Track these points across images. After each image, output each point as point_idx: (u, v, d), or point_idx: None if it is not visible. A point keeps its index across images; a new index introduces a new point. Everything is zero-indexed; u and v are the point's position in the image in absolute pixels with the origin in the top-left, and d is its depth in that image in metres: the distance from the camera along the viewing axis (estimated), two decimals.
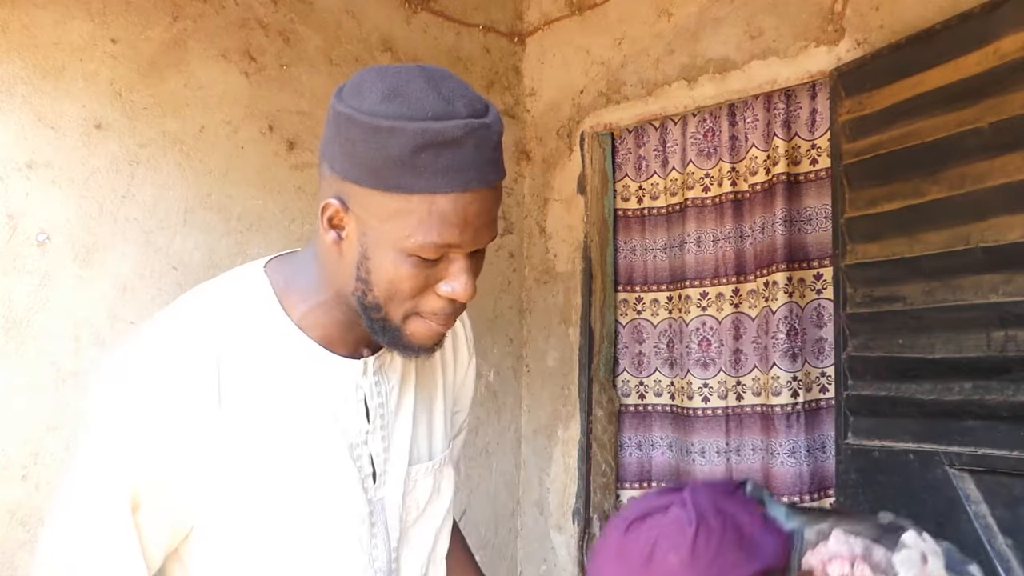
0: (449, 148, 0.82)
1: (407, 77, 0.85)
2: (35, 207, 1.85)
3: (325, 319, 0.96)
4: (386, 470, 1.02)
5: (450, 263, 0.89)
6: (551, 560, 2.79)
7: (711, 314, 2.57)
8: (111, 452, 0.88)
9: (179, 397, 0.88)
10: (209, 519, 0.91)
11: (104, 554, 0.87)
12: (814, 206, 2.38)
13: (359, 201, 0.86)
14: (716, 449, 2.54)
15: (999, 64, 1.64)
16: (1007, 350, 1.61)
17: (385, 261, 0.87)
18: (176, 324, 0.93)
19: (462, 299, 0.90)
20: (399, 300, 0.89)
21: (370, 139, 0.83)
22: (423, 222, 0.84)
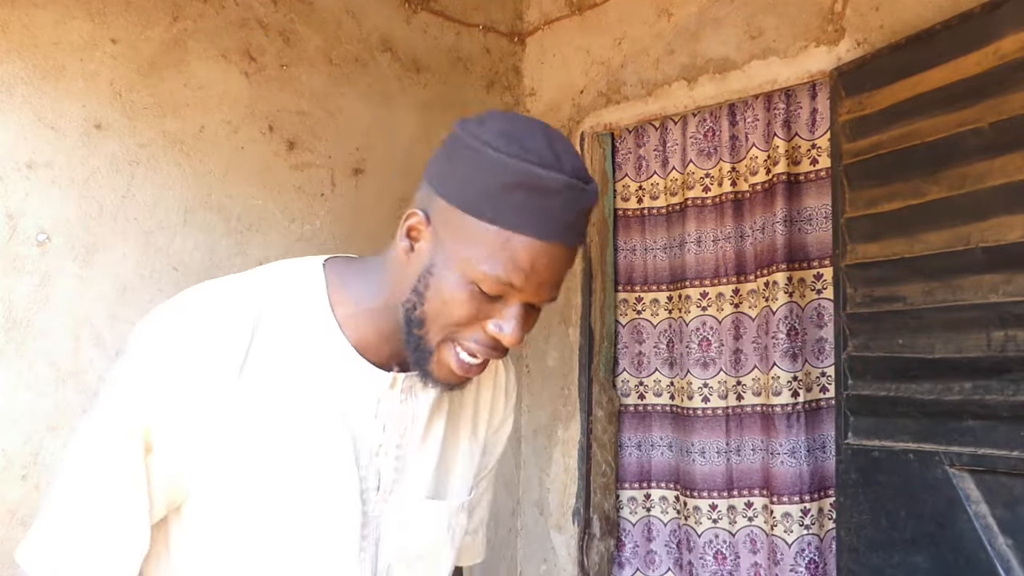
0: (543, 195, 0.85)
1: (529, 127, 0.90)
2: (35, 207, 1.86)
3: (366, 325, 0.97)
4: (393, 489, 1.01)
5: (506, 305, 0.90)
6: (551, 560, 2.79)
7: (711, 314, 2.58)
8: (132, 392, 0.91)
9: (203, 357, 0.90)
10: (203, 490, 0.92)
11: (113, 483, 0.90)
12: (814, 206, 2.38)
13: (443, 217, 0.89)
14: (716, 449, 2.54)
15: (999, 64, 1.64)
16: (1007, 350, 1.61)
17: (447, 281, 0.89)
18: (225, 290, 0.96)
19: (506, 342, 0.91)
20: (444, 322, 0.90)
21: (475, 163, 0.87)
22: (494, 255, 0.86)
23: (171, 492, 0.93)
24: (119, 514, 0.91)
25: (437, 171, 0.92)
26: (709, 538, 2.53)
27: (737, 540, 2.49)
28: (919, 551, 1.76)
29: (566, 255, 0.90)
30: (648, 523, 2.72)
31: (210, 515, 0.93)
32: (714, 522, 2.52)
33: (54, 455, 1.84)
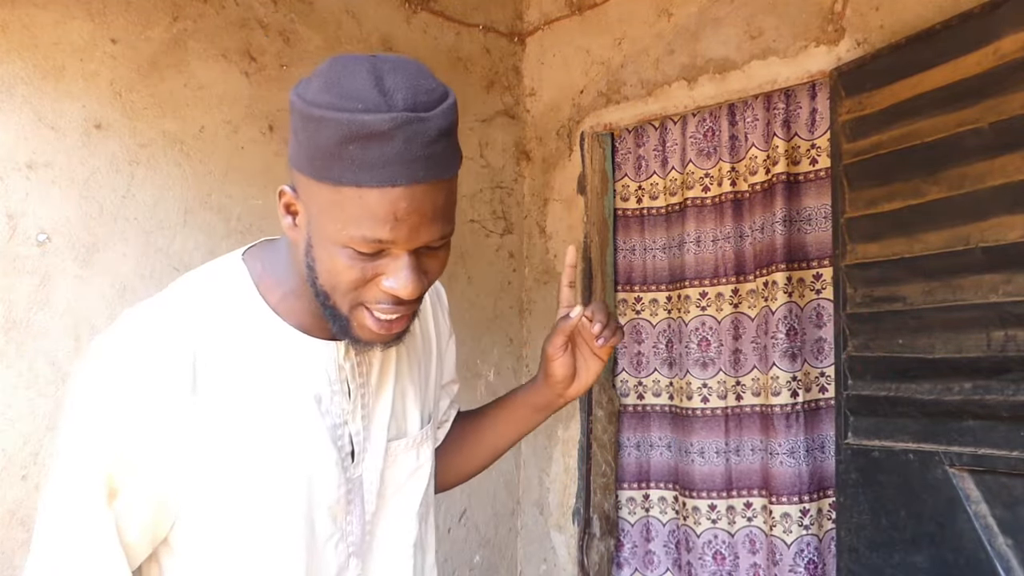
0: (375, 141, 0.80)
1: (352, 68, 0.84)
2: (35, 207, 1.85)
3: (299, 305, 0.96)
4: (365, 448, 1.02)
5: (392, 259, 0.87)
6: (551, 560, 2.79)
7: (711, 314, 2.58)
8: (85, 439, 0.88)
9: (151, 385, 0.87)
10: (192, 506, 0.91)
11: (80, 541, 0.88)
12: (814, 206, 2.38)
13: (303, 189, 0.87)
14: (715, 449, 2.54)
15: (999, 64, 1.64)
16: (1007, 350, 1.61)
17: (324, 251, 0.87)
18: (152, 314, 0.93)
19: (403, 296, 0.87)
20: (341, 291, 0.88)
21: (307, 128, 0.83)
22: (353, 216, 0.83)
23: (154, 526, 0.91)
24: (92, 565, 0.88)
25: (290, 145, 0.89)
26: (708, 538, 2.53)
27: (736, 540, 2.49)
28: (919, 551, 1.76)
29: (430, 192, 0.84)
30: (647, 523, 2.72)
31: (205, 524, 0.92)
32: (713, 522, 2.52)
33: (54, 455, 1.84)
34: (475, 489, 2.75)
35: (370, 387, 1.03)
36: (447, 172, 0.86)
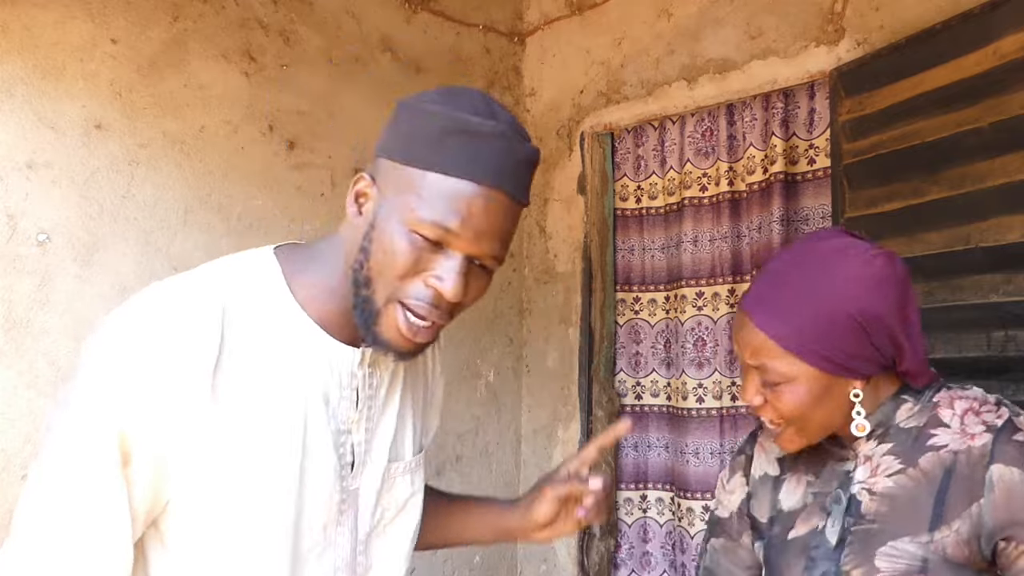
0: (476, 140, 0.88)
1: (466, 90, 0.94)
2: (35, 207, 1.85)
3: (328, 303, 0.98)
4: (365, 461, 1.02)
5: (446, 258, 0.90)
6: (551, 560, 2.79)
7: (707, 314, 2.58)
8: (105, 397, 0.86)
9: (181, 352, 0.87)
10: (186, 487, 0.90)
11: (92, 502, 0.85)
12: (811, 206, 2.37)
13: (385, 174, 0.93)
14: (710, 450, 2.54)
15: (999, 64, 1.64)
16: (1007, 350, 1.61)
17: (387, 232, 0.90)
18: (183, 286, 0.93)
19: (447, 295, 0.90)
20: (388, 277, 0.90)
21: (413, 119, 0.91)
22: (431, 199, 0.88)
23: (152, 502, 0.90)
24: (101, 534, 0.86)
25: (383, 139, 0.95)
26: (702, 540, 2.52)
27: None
28: None
29: (505, 205, 0.91)
30: (644, 524, 2.72)
31: (190, 519, 0.91)
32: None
33: None
34: (475, 489, 2.75)
35: (378, 402, 1.04)
36: (522, 196, 0.93)
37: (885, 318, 1.03)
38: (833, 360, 1.03)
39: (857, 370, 1.04)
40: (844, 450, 1.12)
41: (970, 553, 0.98)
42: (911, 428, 1.07)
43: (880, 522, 1.03)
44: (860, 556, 1.03)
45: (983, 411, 1.04)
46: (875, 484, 1.06)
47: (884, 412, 1.09)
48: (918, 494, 1.02)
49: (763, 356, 1.06)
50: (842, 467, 1.12)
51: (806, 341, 1.03)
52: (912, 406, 1.08)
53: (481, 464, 2.78)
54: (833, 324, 1.02)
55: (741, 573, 1.28)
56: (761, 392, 1.09)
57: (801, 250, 1.10)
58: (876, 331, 1.03)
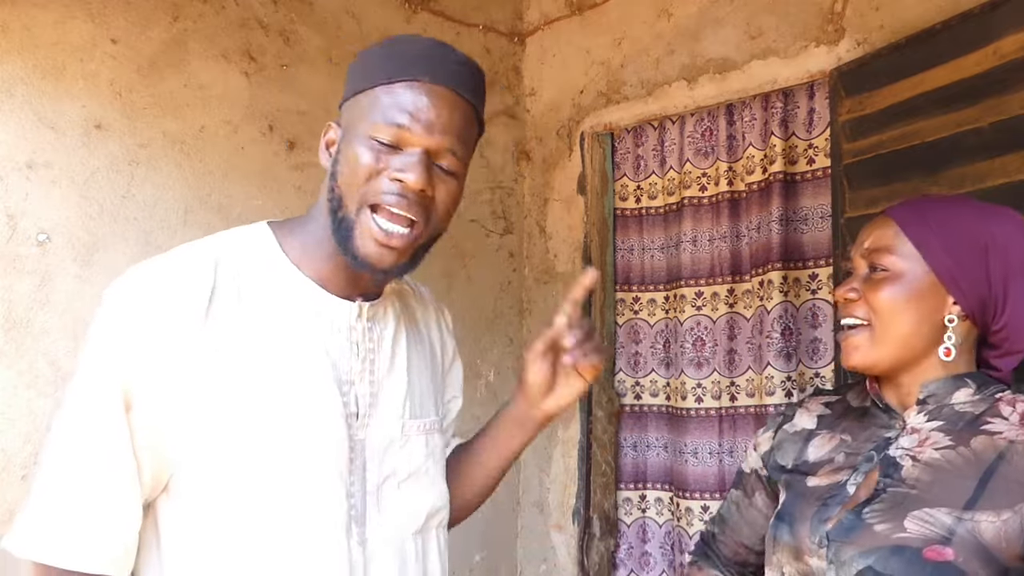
0: (410, 47, 1.01)
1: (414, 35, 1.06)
2: (35, 207, 1.85)
3: (320, 261, 1.03)
4: (370, 413, 1.05)
5: (406, 155, 0.97)
6: (551, 560, 2.79)
7: (706, 314, 2.57)
8: (105, 349, 0.93)
9: (165, 308, 0.93)
10: (194, 442, 0.93)
11: (99, 446, 0.91)
12: (810, 206, 2.37)
13: (346, 115, 1.03)
14: (709, 450, 2.53)
15: (999, 64, 1.64)
16: None
17: (350, 150, 0.99)
18: (180, 250, 1.01)
19: (410, 182, 0.96)
20: (354, 185, 0.98)
21: (360, 62, 1.04)
22: (380, 107, 0.98)
23: (157, 453, 0.93)
24: (108, 474, 0.90)
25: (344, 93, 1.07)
26: None
27: None
28: None
29: (450, 99, 1.00)
30: (643, 524, 2.72)
31: (198, 470, 0.94)
32: (705, 524, 2.52)
33: None
34: None
35: (381, 355, 1.07)
36: (467, 94, 1.02)
37: (1010, 256, 1.07)
38: (947, 265, 1.06)
39: (961, 288, 1.07)
40: (891, 419, 1.13)
41: (1009, 546, 0.98)
42: (966, 413, 1.08)
43: (920, 489, 1.03)
44: (889, 514, 1.03)
45: None
46: (921, 453, 1.06)
47: (944, 387, 1.10)
48: (965, 471, 1.02)
49: (883, 242, 1.11)
50: (883, 433, 1.13)
51: (932, 236, 1.07)
52: (972, 393, 1.09)
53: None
54: (963, 233, 1.07)
55: (746, 530, 1.30)
56: (858, 288, 1.12)
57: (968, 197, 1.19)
58: (996, 261, 1.06)
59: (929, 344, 1.09)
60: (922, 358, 1.10)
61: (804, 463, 1.19)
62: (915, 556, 0.98)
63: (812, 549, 1.07)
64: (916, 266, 1.08)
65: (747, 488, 1.30)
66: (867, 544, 1.02)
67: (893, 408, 1.14)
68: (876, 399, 1.16)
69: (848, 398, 1.24)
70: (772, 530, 1.16)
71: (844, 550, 1.03)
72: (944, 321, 1.08)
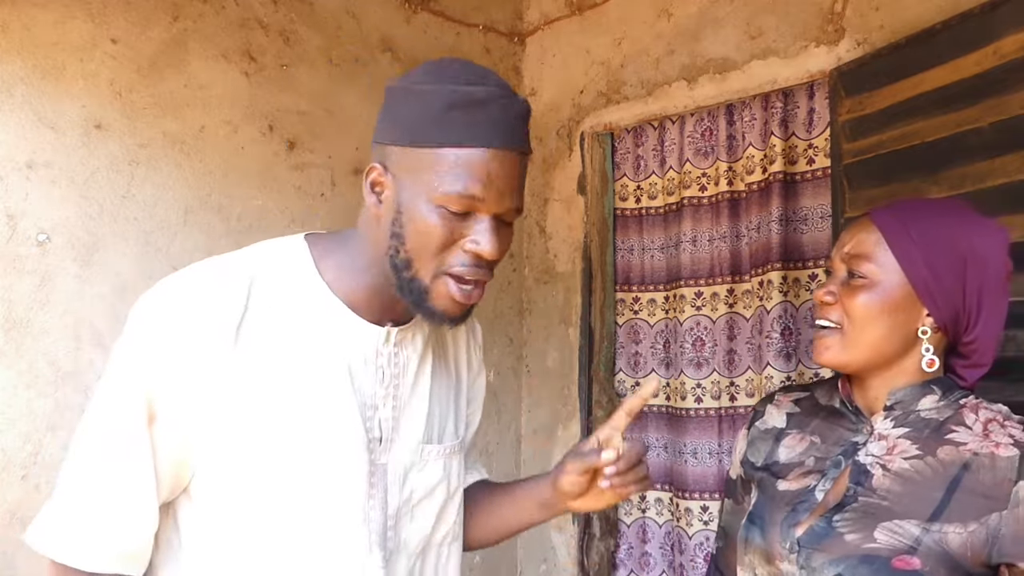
0: (476, 107, 0.93)
1: (449, 62, 0.98)
2: (35, 207, 1.85)
3: (355, 284, 1.03)
4: (393, 438, 1.06)
5: (476, 221, 0.96)
6: (551, 560, 2.79)
7: (705, 314, 2.57)
8: (133, 359, 0.94)
9: (203, 316, 0.94)
10: (215, 455, 0.94)
11: (118, 452, 0.92)
12: (810, 206, 2.37)
13: (397, 160, 0.97)
14: (708, 450, 2.53)
15: (999, 64, 1.64)
16: (1007, 350, 1.61)
17: (416, 213, 0.95)
18: (217, 262, 1.00)
19: (486, 255, 0.96)
20: (428, 254, 0.96)
21: (410, 102, 0.96)
22: (451, 173, 0.93)
23: (177, 464, 0.95)
24: (125, 483, 0.92)
25: (382, 127, 1.00)
26: (700, 540, 2.52)
27: None
28: None
29: (516, 160, 0.97)
30: (643, 524, 2.72)
31: (219, 485, 0.95)
32: (705, 524, 2.52)
33: (54, 455, 1.84)
34: None
35: (405, 380, 1.07)
36: (527, 148, 1.00)
37: (988, 271, 1.08)
38: (925, 278, 1.07)
39: (936, 301, 1.08)
40: (859, 422, 1.15)
41: (974, 555, 1.00)
42: (931, 420, 1.10)
43: (890, 500, 1.05)
44: (860, 523, 1.05)
45: (1008, 425, 1.07)
46: (891, 463, 1.08)
47: (911, 394, 1.12)
48: (932, 481, 1.04)
49: (864, 248, 1.11)
50: (851, 437, 1.15)
51: (913, 247, 1.08)
52: (938, 399, 1.11)
53: (481, 464, 2.78)
54: (943, 246, 1.07)
55: None
56: (835, 292, 1.13)
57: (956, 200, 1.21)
58: (973, 275, 1.07)
59: (900, 351, 1.11)
60: (892, 364, 1.12)
61: (775, 463, 1.21)
62: (883, 565, 1.01)
63: (783, 554, 1.09)
64: (894, 276, 1.09)
65: (737, 495, 1.31)
66: (837, 552, 1.04)
67: (862, 411, 1.16)
68: (847, 401, 1.18)
69: (817, 395, 1.26)
70: (744, 531, 1.18)
71: (815, 557, 1.06)
72: (917, 332, 1.10)
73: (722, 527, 1.36)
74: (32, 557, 0.95)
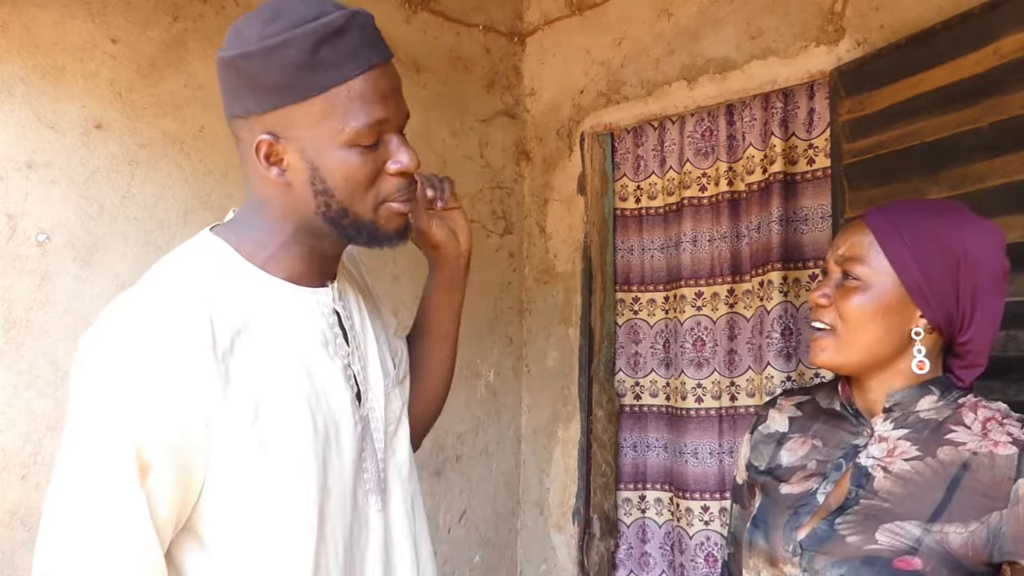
0: (339, 36, 0.91)
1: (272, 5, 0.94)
2: (35, 207, 1.85)
3: (287, 258, 1.01)
4: (367, 387, 1.07)
5: (387, 144, 0.97)
6: (551, 560, 2.79)
7: (706, 314, 2.57)
8: (109, 414, 0.85)
9: (175, 351, 0.87)
10: (218, 469, 0.90)
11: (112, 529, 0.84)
12: (810, 206, 2.37)
13: (286, 123, 0.93)
14: (708, 450, 2.54)
15: (999, 64, 1.64)
16: (1007, 350, 1.61)
17: (333, 162, 0.94)
18: (158, 286, 0.94)
19: (411, 167, 0.97)
20: (360, 194, 0.96)
21: (270, 61, 0.91)
22: (348, 110, 0.92)
23: (182, 501, 0.90)
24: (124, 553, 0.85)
25: (245, 99, 0.95)
26: (700, 540, 2.52)
27: None
28: None
29: (394, 69, 0.99)
30: (643, 524, 2.72)
31: (225, 496, 0.92)
32: (706, 524, 2.52)
33: (54, 455, 1.84)
34: (475, 489, 2.75)
35: (357, 329, 1.08)
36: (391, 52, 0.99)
37: (982, 272, 1.08)
38: (918, 281, 1.08)
39: (929, 303, 1.09)
40: (860, 424, 1.16)
41: (975, 554, 1.01)
42: (930, 420, 1.11)
43: (892, 502, 1.06)
44: (861, 525, 1.06)
45: (1007, 423, 1.07)
46: (891, 464, 1.09)
47: (909, 395, 1.12)
48: (933, 482, 1.05)
49: (858, 251, 1.12)
50: (851, 440, 1.15)
51: (906, 250, 1.08)
52: (936, 399, 1.12)
53: (481, 464, 2.78)
54: (937, 249, 1.08)
55: None
56: (829, 294, 1.13)
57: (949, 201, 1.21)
58: (967, 276, 1.08)
59: (895, 353, 1.12)
60: (888, 365, 1.12)
61: (778, 467, 1.22)
62: (885, 567, 1.01)
63: (786, 557, 1.10)
64: (887, 279, 1.10)
65: (744, 500, 1.32)
66: (839, 554, 1.05)
67: (862, 413, 1.16)
68: (847, 404, 1.19)
69: (817, 398, 1.27)
70: (748, 535, 1.19)
71: (817, 559, 1.06)
72: (911, 333, 1.11)
73: (731, 533, 1.36)
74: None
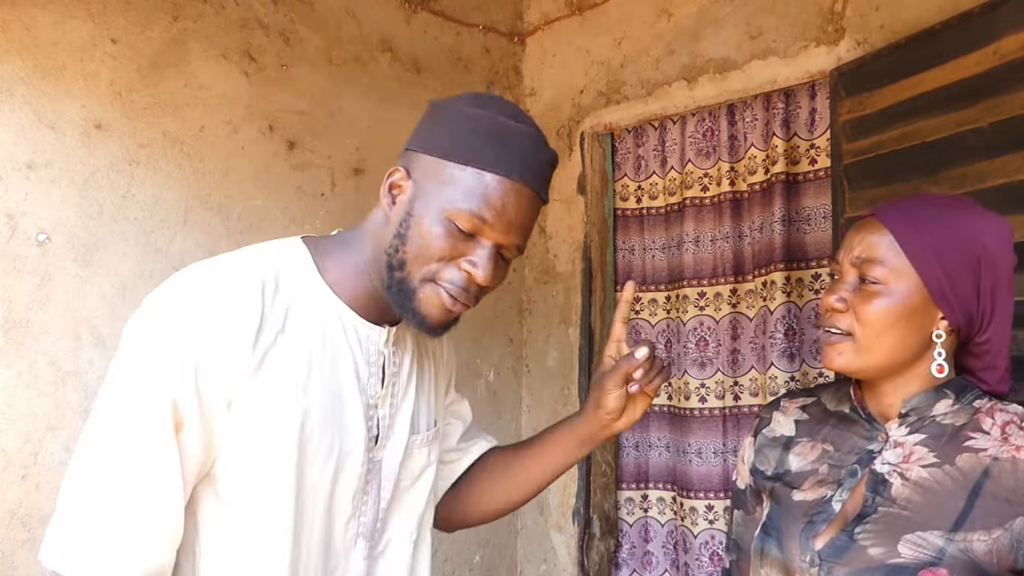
0: (511, 142, 0.98)
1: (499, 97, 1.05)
2: (35, 207, 1.85)
3: (356, 286, 1.05)
4: (388, 435, 1.09)
5: (478, 246, 0.99)
6: (551, 560, 2.79)
7: (709, 314, 2.58)
8: (157, 369, 0.91)
9: (227, 322, 0.93)
10: (228, 453, 0.95)
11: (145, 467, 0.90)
12: (812, 206, 2.38)
13: (423, 167, 1.00)
14: (712, 450, 2.54)
15: (999, 64, 1.64)
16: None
17: (425, 220, 0.98)
18: (226, 263, 1.00)
19: (479, 280, 0.98)
20: (423, 261, 0.98)
21: (452, 120, 1.00)
22: (469, 191, 0.97)
23: (202, 460, 0.95)
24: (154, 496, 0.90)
25: (418, 135, 1.04)
26: (705, 539, 2.52)
27: None
28: None
29: (532, 200, 1.00)
30: (645, 524, 2.72)
31: (235, 475, 0.96)
32: (710, 523, 2.52)
33: (54, 455, 1.84)
34: None
35: (401, 379, 1.10)
36: (544, 193, 1.03)
37: (999, 270, 1.05)
38: (941, 282, 1.04)
39: (951, 305, 1.05)
40: (873, 429, 1.12)
41: (1000, 560, 0.98)
42: (947, 425, 1.07)
43: (911, 511, 1.02)
44: (882, 536, 1.02)
45: None
46: (909, 471, 1.05)
47: (925, 400, 1.08)
48: (954, 490, 1.02)
49: (876, 252, 1.07)
50: (865, 444, 1.11)
51: (925, 247, 1.04)
52: (952, 403, 1.08)
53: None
54: (958, 246, 1.04)
55: None
56: (846, 299, 1.09)
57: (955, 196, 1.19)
58: (986, 274, 1.05)
59: (914, 357, 1.08)
60: (906, 369, 1.08)
61: (787, 472, 1.18)
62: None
63: (803, 568, 1.06)
64: (908, 280, 1.05)
65: (747, 505, 1.28)
66: (860, 565, 1.01)
67: (875, 418, 1.12)
68: (859, 408, 1.15)
69: (823, 400, 1.23)
70: (759, 543, 1.15)
71: (836, 570, 1.03)
72: (932, 336, 1.07)
73: (734, 539, 1.32)
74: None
